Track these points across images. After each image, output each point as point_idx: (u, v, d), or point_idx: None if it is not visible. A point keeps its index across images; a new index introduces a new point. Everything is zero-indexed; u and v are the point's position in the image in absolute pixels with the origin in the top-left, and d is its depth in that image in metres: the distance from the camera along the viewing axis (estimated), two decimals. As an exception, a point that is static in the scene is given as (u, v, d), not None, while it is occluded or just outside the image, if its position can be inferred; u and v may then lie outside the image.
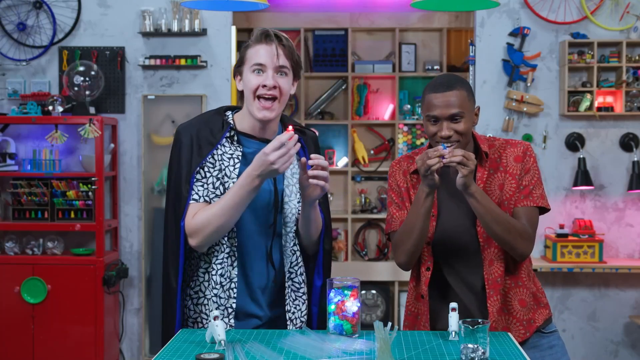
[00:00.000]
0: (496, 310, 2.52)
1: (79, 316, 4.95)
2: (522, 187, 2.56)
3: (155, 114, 5.27)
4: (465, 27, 6.28)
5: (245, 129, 2.50)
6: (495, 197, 2.54)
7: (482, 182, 2.54)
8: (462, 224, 2.55)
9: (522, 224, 2.52)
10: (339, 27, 6.36)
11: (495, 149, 2.60)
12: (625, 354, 5.31)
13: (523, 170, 2.57)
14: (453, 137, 2.48)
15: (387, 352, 2.02)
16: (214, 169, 2.46)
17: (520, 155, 2.58)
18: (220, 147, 2.48)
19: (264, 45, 2.43)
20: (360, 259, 6.36)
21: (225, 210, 2.37)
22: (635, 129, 5.26)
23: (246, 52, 2.46)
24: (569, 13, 5.23)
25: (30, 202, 5.06)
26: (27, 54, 5.31)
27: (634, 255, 5.30)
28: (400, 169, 2.69)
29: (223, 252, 2.45)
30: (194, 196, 2.44)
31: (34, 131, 5.25)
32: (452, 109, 2.47)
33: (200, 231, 2.40)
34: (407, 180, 2.65)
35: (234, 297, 2.46)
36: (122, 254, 5.34)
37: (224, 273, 2.45)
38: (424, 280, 2.58)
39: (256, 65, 2.42)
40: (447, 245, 2.57)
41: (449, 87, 2.48)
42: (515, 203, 2.55)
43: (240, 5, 3.32)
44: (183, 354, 2.16)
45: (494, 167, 2.57)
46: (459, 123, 2.48)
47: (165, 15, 5.25)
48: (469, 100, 2.51)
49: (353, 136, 6.37)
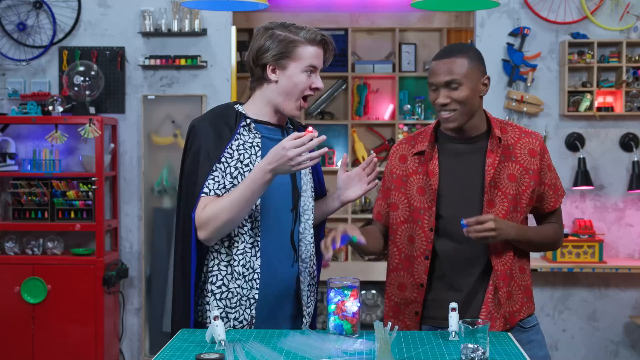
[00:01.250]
0: (491, 299, 2.49)
1: (79, 316, 4.95)
2: (553, 187, 2.58)
3: (155, 114, 5.27)
4: (465, 27, 6.28)
5: (261, 117, 2.51)
6: (504, 186, 2.49)
7: (492, 168, 2.49)
8: (467, 213, 2.48)
9: (556, 230, 2.60)
10: (339, 27, 6.36)
11: (509, 135, 2.55)
12: (625, 354, 5.31)
13: (544, 167, 2.55)
14: (451, 104, 2.46)
15: (387, 352, 2.02)
16: (232, 159, 2.45)
17: (537, 150, 2.54)
18: (239, 136, 2.47)
19: (319, 49, 2.47)
20: (360, 259, 6.35)
21: (234, 204, 2.35)
22: (635, 129, 5.26)
23: (296, 49, 2.44)
24: (569, 13, 5.23)
25: (30, 202, 5.06)
26: (27, 54, 5.31)
27: (634, 255, 5.29)
28: (397, 154, 2.65)
29: (245, 242, 2.44)
30: (205, 189, 2.42)
31: (34, 131, 5.25)
32: (447, 76, 2.44)
33: (209, 224, 2.37)
34: (407, 166, 2.60)
35: (256, 287, 2.44)
36: (122, 254, 5.34)
37: (246, 264, 2.44)
38: (422, 269, 2.55)
39: (311, 67, 2.46)
40: (449, 234, 2.52)
41: (448, 54, 2.46)
42: (549, 205, 2.59)
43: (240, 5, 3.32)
44: (183, 354, 2.16)
45: (507, 154, 2.52)
46: (456, 90, 2.44)
47: (165, 15, 5.25)
48: (471, 68, 2.45)
49: (353, 136, 6.37)
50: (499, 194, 2.50)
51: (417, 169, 2.58)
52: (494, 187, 2.50)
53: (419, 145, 2.59)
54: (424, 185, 2.55)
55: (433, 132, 2.59)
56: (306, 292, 2.56)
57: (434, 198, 2.52)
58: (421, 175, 2.56)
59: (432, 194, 2.52)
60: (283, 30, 2.45)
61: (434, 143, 2.58)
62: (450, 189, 2.53)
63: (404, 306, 2.60)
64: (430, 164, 2.55)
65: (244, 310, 2.44)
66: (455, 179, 2.53)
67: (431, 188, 2.53)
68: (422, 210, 2.54)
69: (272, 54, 2.45)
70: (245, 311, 2.44)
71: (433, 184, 2.52)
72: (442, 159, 2.55)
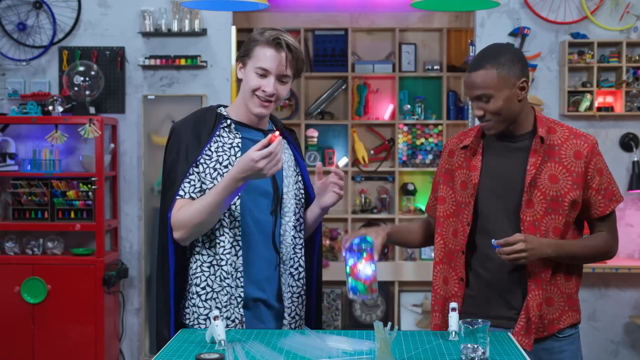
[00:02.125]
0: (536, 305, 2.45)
1: (79, 316, 4.95)
2: (602, 192, 2.51)
3: (155, 114, 5.27)
4: (465, 27, 6.28)
5: (241, 118, 2.54)
6: (544, 187, 2.46)
7: (534, 168, 2.46)
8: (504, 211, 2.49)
9: (604, 241, 2.54)
10: (339, 27, 6.36)
11: (557, 135, 2.52)
12: (625, 354, 5.31)
13: (591, 171, 2.49)
14: (486, 116, 2.47)
15: (387, 352, 2.02)
16: (211, 161, 2.48)
17: (583, 152, 2.49)
18: (218, 138, 2.51)
19: (273, 51, 2.44)
20: (360, 259, 6.34)
21: (205, 208, 2.39)
22: (635, 129, 5.26)
23: (255, 48, 2.46)
24: (569, 13, 5.23)
25: (30, 202, 5.06)
26: (27, 54, 5.31)
27: (634, 255, 5.30)
28: (447, 149, 2.69)
29: (228, 243, 2.46)
30: (180, 192, 2.47)
31: (34, 131, 5.24)
32: (477, 91, 2.45)
33: (183, 225, 2.44)
34: (453, 161, 2.62)
35: (241, 286, 2.47)
36: (122, 254, 5.34)
37: (232, 263, 2.46)
38: (461, 264, 2.55)
39: (261, 69, 2.44)
40: (487, 231, 2.51)
41: (476, 67, 2.45)
42: (597, 210, 2.53)
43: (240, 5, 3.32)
44: (183, 354, 2.16)
45: (550, 155, 2.49)
46: (488, 103, 2.44)
47: (165, 15, 5.25)
48: (502, 77, 2.42)
49: (353, 136, 6.37)
50: (538, 194, 2.47)
51: (462, 164, 2.60)
52: (534, 187, 2.47)
53: (466, 139, 2.61)
54: (466, 180, 2.57)
55: (481, 127, 2.59)
56: (287, 293, 2.55)
57: (473, 193, 2.53)
58: (465, 170, 2.58)
59: (472, 189, 2.53)
60: (256, 32, 2.50)
61: (479, 138, 2.59)
62: (491, 185, 2.52)
63: (448, 300, 2.60)
64: (473, 159, 2.56)
65: (234, 309, 2.46)
66: (496, 176, 2.52)
67: (471, 182, 2.54)
68: (463, 204, 2.56)
69: (240, 53, 2.52)
70: (235, 310, 2.46)
71: (473, 178, 2.53)
72: (485, 154, 2.56)
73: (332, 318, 6.26)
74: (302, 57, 2.51)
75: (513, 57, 2.46)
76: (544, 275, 2.48)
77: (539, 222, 2.46)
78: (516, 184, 2.49)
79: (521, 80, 2.46)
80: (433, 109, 6.40)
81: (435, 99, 6.42)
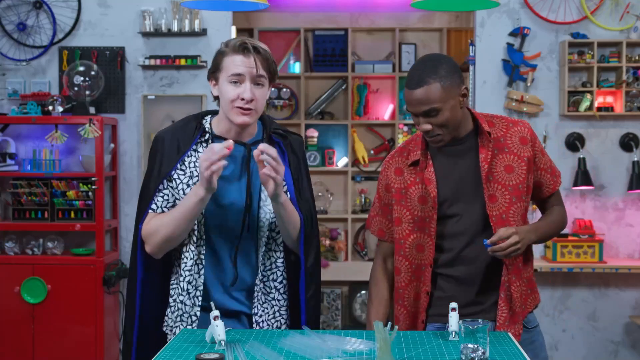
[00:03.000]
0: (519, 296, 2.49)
1: (79, 316, 4.94)
2: (549, 169, 2.61)
3: (155, 114, 5.27)
4: (465, 27, 6.28)
5: (222, 132, 2.50)
6: (502, 178, 2.49)
7: (486, 163, 2.49)
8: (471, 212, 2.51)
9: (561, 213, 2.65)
10: (339, 27, 6.36)
11: (497, 127, 2.56)
12: (625, 354, 5.31)
13: (537, 152, 2.57)
14: (434, 130, 2.45)
15: (387, 352, 2.02)
16: (185, 176, 2.47)
17: (527, 137, 2.55)
18: (194, 152, 2.49)
19: (241, 57, 2.41)
20: (360, 259, 6.35)
21: (172, 220, 2.40)
22: (635, 129, 5.26)
23: (222, 60, 2.43)
24: (569, 13, 5.23)
25: (30, 202, 5.06)
26: (27, 54, 5.31)
27: (634, 255, 5.29)
28: (392, 167, 2.63)
29: (191, 259, 2.46)
30: (152, 206, 2.48)
31: (34, 131, 5.24)
32: (423, 107, 2.42)
33: (151, 238, 2.45)
34: (404, 179, 2.59)
35: (198, 305, 2.46)
36: (122, 254, 5.34)
37: (192, 280, 2.46)
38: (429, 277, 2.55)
39: (234, 75, 2.41)
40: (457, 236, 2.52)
41: (419, 83, 2.41)
42: (548, 188, 2.62)
43: (240, 5, 3.32)
44: (183, 354, 2.16)
45: (499, 147, 2.52)
46: (436, 117, 2.43)
47: (165, 15, 5.25)
48: (445, 90, 2.40)
49: (353, 136, 6.37)
50: (499, 187, 2.50)
51: (415, 180, 2.57)
52: (492, 182, 2.50)
53: (412, 155, 2.58)
54: (424, 194, 2.54)
55: (423, 140, 2.57)
56: (263, 305, 2.50)
57: (434, 205, 2.52)
58: (419, 185, 2.55)
59: (433, 202, 2.52)
60: (221, 46, 2.47)
61: (425, 150, 2.57)
62: (451, 192, 2.52)
63: (417, 314, 2.61)
64: (426, 172, 2.54)
65: (186, 326, 2.46)
66: (453, 182, 2.53)
67: (430, 196, 2.52)
68: (428, 218, 2.54)
69: (210, 70, 2.49)
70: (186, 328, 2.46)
71: (431, 191, 2.52)
72: (436, 165, 2.55)
73: (332, 318, 6.26)
74: (272, 59, 2.46)
75: (450, 66, 2.44)
76: (520, 264, 2.52)
77: (506, 213, 2.49)
78: (475, 183, 2.50)
79: (462, 88, 2.46)
80: (433, 109, 6.40)
81: (435, 99, 6.41)
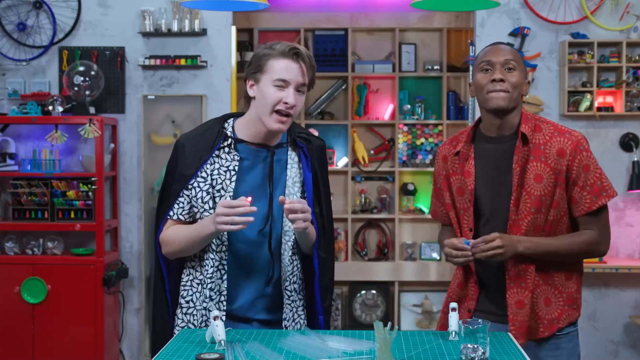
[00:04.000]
0: (515, 302, 2.48)
1: (79, 316, 4.94)
2: (588, 187, 2.49)
3: (155, 114, 5.27)
4: (465, 27, 6.28)
5: (249, 136, 2.48)
6: (530, 186, 2.46)
7: (518, 166, 2.47)
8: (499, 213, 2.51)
9: (587, 236, 2.50)
10: (339, 27, 6.36)
11: (542, 133, 2.51)
12: (625, 354, 5.31)
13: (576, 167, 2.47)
14: (505, 85, 2.47)
15: (387, 352, 2.02)
16: (205, 184, 2.47)
17: (567, 150, 2.47)
18: (216, 159, 2.48)
19: (290, 62, 2.40)
20: (360, 259, 6.36)
21: (184, 239, 2.46)
22: (635, 129, 5.26)
23: (268, 62, 2.41)
24: (569, 13, 5.23)
25: (30, 202, 5.06)
26: (27, 54, 5.31)
27: (634, 255, 5.29)
28: (440, 155, 2.69)
29: (213, 267, 2.46)
30: (170, 212, 2.51)
31: (34, 131, 5.24)
32: (507, 56, 2.49)
33: (166, 246, 2.52)
34: (448, 167, 2.63)
35: (223, 309, 2.47)
36: (122, 254, 5.34)
37: (214, 287, 2.47)
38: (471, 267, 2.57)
39: (280, 80, 2.39)
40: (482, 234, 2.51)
41: (503, 44, 2.56)
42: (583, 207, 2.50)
43: (240, 5, 3.32)
44: (183, 354, 2.16)
45: (536, 154, 2.48)
46: (511, 73, 2.48)
47: (165, 15, 5.25)
48: (521, 62, 2.53)
49: (353, 136, 6.37)
50: (524, 195, 2.47)
51: (456, 170, 2.60)
52: (521, 187, 2.48)
53: (458, 146, 2.61)
54: (462, 186, 2.57)
55: (471, 132, 2.60)
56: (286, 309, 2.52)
57: (471, 199, 2.54)
58: (459, 176, 2.58)
59: (469, 195, 2.54)
60: (263, 48, 2.45)
61: (470, 143, 2.59)
62: (485, 189, 2.54)
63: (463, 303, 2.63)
64: (466, 164, 2.56)
65: None
66: (488, 180, 2.53)
67: (468, 189, 2.54)
68: (462, 210, 2.57)
69: (250, 70, 2.46)
70: None
71: (469, 184, 2.54)
72: (477, 159, 2.56)
73: (332, 318, 6.26)
74: (315, 66, 2.47)
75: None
76: (524, 274, 2.49)
77: (522, 221, 2.48)
78: (507, 184, 2.50)
79: (527, 79, 2.56)
80: (433, 109, 6.40)
81: (435, 99, 6.42)
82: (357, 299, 6.21)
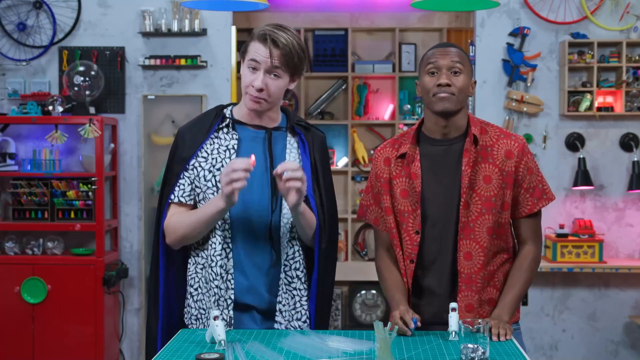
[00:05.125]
0: (465, 305, 2.49)
1: (79, 316, 4.95)
2: (531, 190, 2.51)
3: (155, 114, 5.27)
4: (465, 27, 6.28)
5: (242, 116, 2.55)
6: (479, 187, 2.47)
7: (469, 167, 2.47)
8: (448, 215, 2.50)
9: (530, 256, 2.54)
10: (339, 27, 6.36)
11: (488, 136, 2.53)
12: (625, 354, 5.31)
13: (522, 170, 2.50)
14: (451, 88, 2.47)
15: (387, 352, 2.02)
16: (206, 163, 2.50)
17: (514, 152, 2.50)
18: (214, 140, 2.52)
19: (260, 45, 2.44)
20: (360, 259, 6.36)
21: (191, 223, 2.45)
22: (635, 129, 5.26)
23: (249, 44, 2.48)
24: (569, 13, 5.23)
25: (30, 202, 5.06)
26: (27, 54, 5.31)
27: (634, 255, 5.29)
28: (381, 157, 2.62)
29: (219, 244, 2.48)
30: (171, 196, 2.52)
31: (34, 131, 5.24)
32: (454, 58, 2.49)
33: (171, 234, 2.51)
34: (390, 169, 2.58)
35: (232, 288, 2.47)
36: (122, 254, 5.34)
37: (223, 264, 2.47)
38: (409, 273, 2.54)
39: (252, 61, 2.45)
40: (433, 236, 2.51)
41: (450, 46, 2.55)
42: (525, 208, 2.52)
43: (240, 5, 3.32)
44: (183, 354, 2.16)
45: (484, 155, 2.50)
46: (457, 77, 2.48)
47: (165, 15, 5.25)
48: (468, 63, 2.52)
49: (353, 136, 6.37)
50: (474, 196, 2.48)
51: (400, 172, 2.56)
52: (470, 189, 2.48)
53: (402, 148, 2.57)
54: (407, 188, 2.54)
55: (415, 134, 2.57)
56: (285, 293, 2.52)
57: (417, 200, 2.51)
58: (404, 178, 2.55)
59: (416, 197, 2.51)
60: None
61: (415, 145, 2.56)
62: (432, 191, 2.52)
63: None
64: (412, 166, 2.53)
65: (223, 310, 2.47)
66: (436, 181, 2.52)
67: (414, 191, 2.51)
68: (407, 213, 2.54)
69: (240, 52, 2.55)
70: (223, 312, 2.46)
71: (416, 186, 2.51)
72: (423, 160, 2.54)
73: (332, 318, 6.26)
74: (295, 54, 2.45)
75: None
76: (475, 277, 2.49)
77: (474, 222, 2.48)
78: (456, 186, 2.49)
79: (473, 80, 2.56)
80: (433, 109, 6.39)
81: (435, 99, 6.41)
82: (357, 299, 6.21)
